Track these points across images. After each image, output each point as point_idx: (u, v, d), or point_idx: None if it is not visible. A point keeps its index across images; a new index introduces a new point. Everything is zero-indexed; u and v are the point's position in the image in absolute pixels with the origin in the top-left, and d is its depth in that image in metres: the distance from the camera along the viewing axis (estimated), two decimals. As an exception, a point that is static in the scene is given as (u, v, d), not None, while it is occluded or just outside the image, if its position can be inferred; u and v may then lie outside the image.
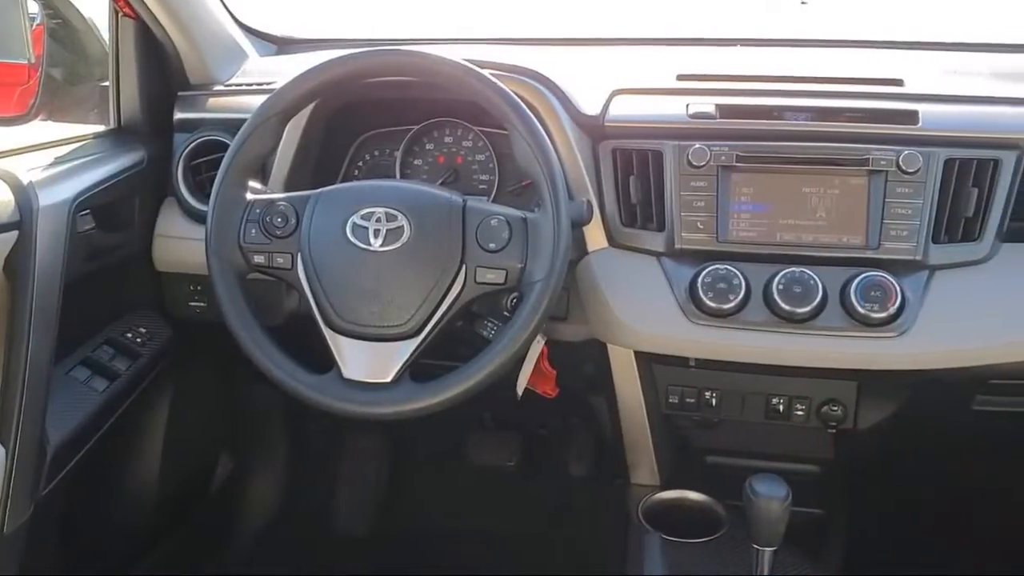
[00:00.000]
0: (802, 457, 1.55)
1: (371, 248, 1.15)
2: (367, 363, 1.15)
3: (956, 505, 1.63)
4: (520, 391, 1.37)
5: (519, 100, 1.16)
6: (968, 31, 1.71)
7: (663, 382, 1.43)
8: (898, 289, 1.18)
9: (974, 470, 1.55)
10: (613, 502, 1.53)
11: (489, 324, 1.25)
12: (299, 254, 1.18)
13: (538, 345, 1.35)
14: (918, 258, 1.21)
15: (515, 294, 1.24)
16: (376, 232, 1.15)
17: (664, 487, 1.48)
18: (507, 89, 1.17)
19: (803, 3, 2.20)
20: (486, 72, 1.18)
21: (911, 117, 1.24)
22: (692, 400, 1.43)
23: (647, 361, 1.39)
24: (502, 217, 1.15)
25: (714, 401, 1.42)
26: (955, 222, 1.22)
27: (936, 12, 2.03)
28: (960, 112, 1.26)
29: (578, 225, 1.24)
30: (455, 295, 1.15)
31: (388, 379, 1.14)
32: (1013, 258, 1.22)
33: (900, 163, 1.21)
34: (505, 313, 1.29)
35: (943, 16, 1.99)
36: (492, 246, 1.15)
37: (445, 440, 2.07)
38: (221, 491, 1.94)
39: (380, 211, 1.16)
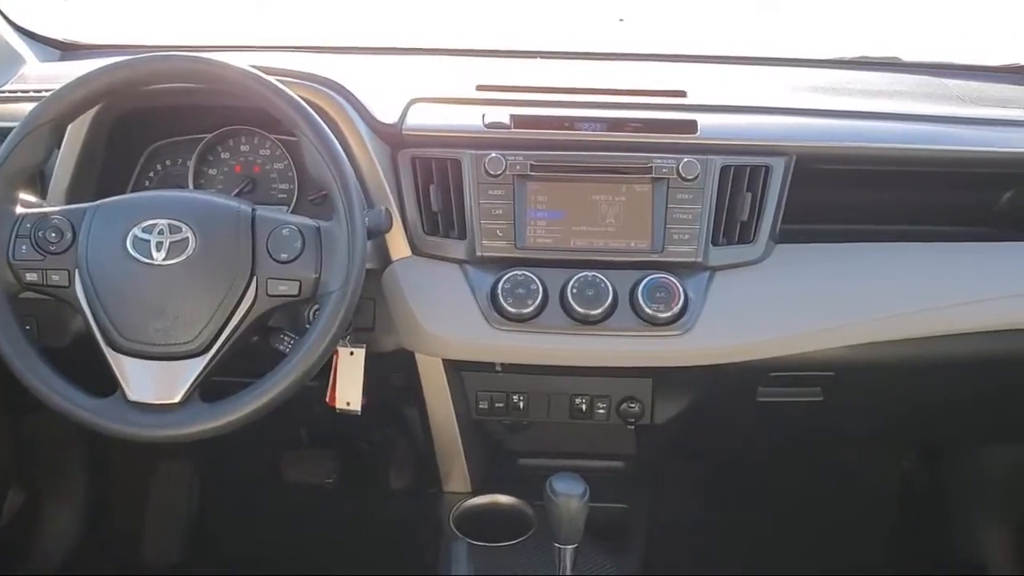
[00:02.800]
0: (608, 454, 1.60)
1: (154, 262, 1.10)
2: (153, 384, 1.10)
3: (748, 493, 1.74)
4: (356, 406, 1.34)
5: (308, 107, 1.15)
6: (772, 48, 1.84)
7: (472, 388, 1.44)
8: (681, 290, 1.25)
9: (761, 458, 1.66)
10: (429, 512, 1.53)
11: (285, 338, 1.23)
12: (76, 271, 1.11)
13: (359, 356, 1.33)
14: (699, 260, 1.28)
15: (316, 306, 1.22)
16: (159, 245, 1.10)
17: (476, 493, 1.49)
18: (295, 96, 1.15)
19: (621, 20, 2.28)
20: (273, 79, 1.15)
21: (690, 127, 1.31)
22: (501, 404, 1.45)
23: (455, 368, 1.40)
24: (294, 226, 1.13)
25: (522, 404, 1.45)
26: (732, 225, 1.30)
27: (748, 29, 2.17)
28: (735, 121, 1.34)
29: (377, 233, 1.23)
30: (246, 309, 1.11)
31: (176, 400, 1.09)
32: (785, 258, 1.31)
33: (680, 170, 1.27)
34: (307, 326, 1.26)
35: (755, 32, 2.13)
36: (284, 256, 1.12)
37: (260, 460, 2.00)
38: (10, 526, 1.79)
39: (163, 223, 1.11)
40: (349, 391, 1.31)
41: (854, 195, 1.42)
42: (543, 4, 2.35)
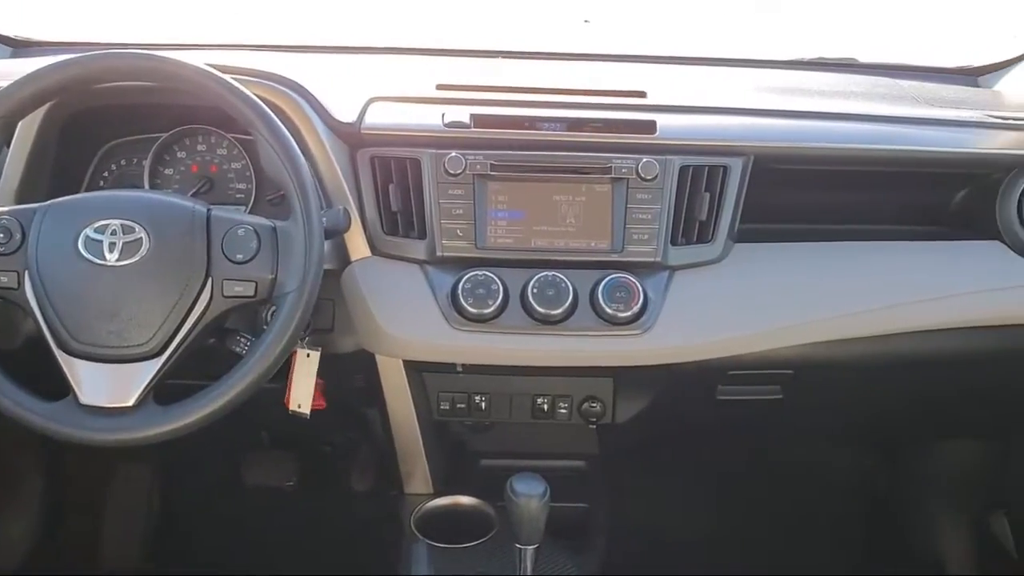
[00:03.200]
0: (570, 454, 1.61)
1: (106, 263, 1.08)
2: (106, 387, 1.08)
3: (709, 492, 1.75)
4: (306, 408, 1.32)
5: (265, 106, 1.13)
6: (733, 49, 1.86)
7: (433, 389, 1.44)
8: (641, 289, 1.25)
9: (722, 456, 1.67)
10: (391, 514, 1.52)
11: (242, 339, 1.21)
12: (26, 272, 1.09)
13: (314, 358, 1.32)
14: (658, 260, 1.28)
15: (273, 307, 1.21)
16: (111, 246, 1.08)
17: (438, 494, 1.48)
18: (250, 94, 1.13)
19: (586, 21, 2.29)
20: (229, 77, 1.14)
21: (649, 127, 1.32)
22: (463, 405, 1.45)
23: (416, 369, 1.40)
24: (249, 226, 1.12)
25: (484, 405, 1.45)
26: (691, 225, 1.30)
27: (713, 30, 2.18)
28: (693, 122, 1.35)
29: (335, 233, 1.22)
30: (201, 310, 1.10)
31: (130, 403, 1.08)
32: (744, 258, 1.32)
33: (639, 170, 1.28)
34: (264, 327, 1.24)
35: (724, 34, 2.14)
36: (240, 257, 1.11)
37: (220, 463, 1.98)
38: None
39: (116, 223, 1.09)
40: (301, 394, 1.30)
41: (812, 195, 1.43)
42: (510, 4, 2.35)
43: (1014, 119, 1.43)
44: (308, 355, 1.30)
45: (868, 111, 1.44)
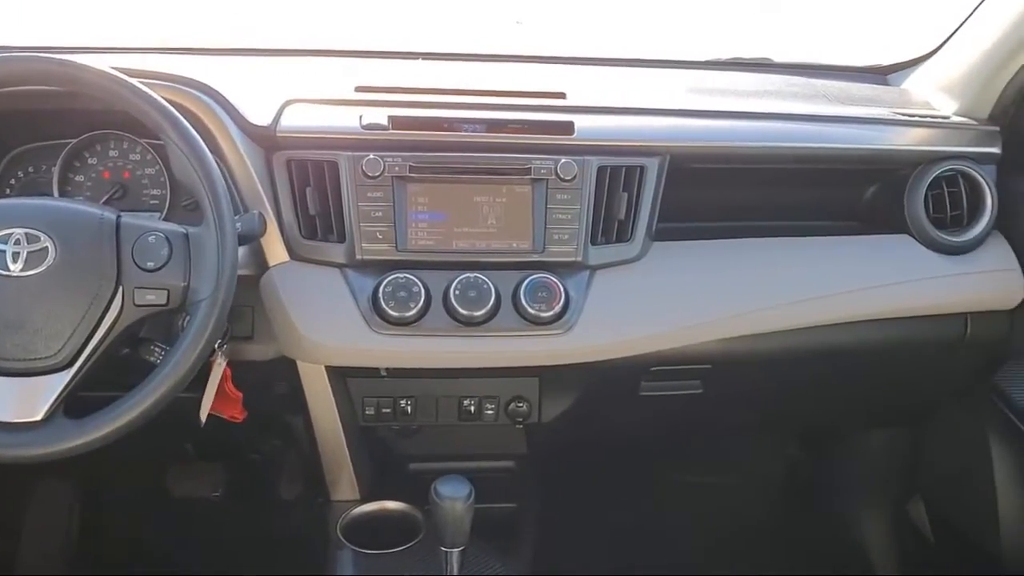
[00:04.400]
0: (499, 454, 1.61)
1: (10, 273, 1.05)
2: (13, 401, 1.04)
3: (637, 488, 1.77)
4: (203, 417, 1.30)
5: (174, 110, 1.11)
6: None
7: (358, 394, 1.42)
8: (562, 289, 1.26)
9: (648, 451, 1.69)
10: (317, 522, 1.50)
11: (156, 349, 1.18)
12: None
13: (220, 367, 1.29)
14: (579, 259, 1.29)
15: (188, 315, 1.18)
16: (15, 256, 1.05)
17: (365, 500, 1.47)
18: (158, 97, 1.11)
19: (518, 23, 2.29)
20: (135, 81, 1.11)
21: (567, 128, 1.33)
22: (388, 410, 1.43)
23: (339, 375, 1.38)
24: (160, 233, 1.09)
25: (409, 408, 1.44)
26: (610, 224, 1.32)
27: (642, 32, 2.21)
28: (610, 122, 1.36)
29: (251, 239, 1.20)
30: (112, 320, 1.07)
31: (38, 417, 1.04)
32: (662, 256, 1.34)
33: (558, 171, 1.28)
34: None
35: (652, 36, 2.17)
36: (151, 264, 1.08)
37: (144, 476, 1.93)
38: None
39: (19, 232, 1.06)
40: (205, 402, 1.28)
41: (729, 193, 1.46)
42: (445, 6, 2.35)
43: (919, 116, 1.48)
44: (218, 363, 1.27)
45: (781, 110, 1.47)
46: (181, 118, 1.11)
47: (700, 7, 2.35)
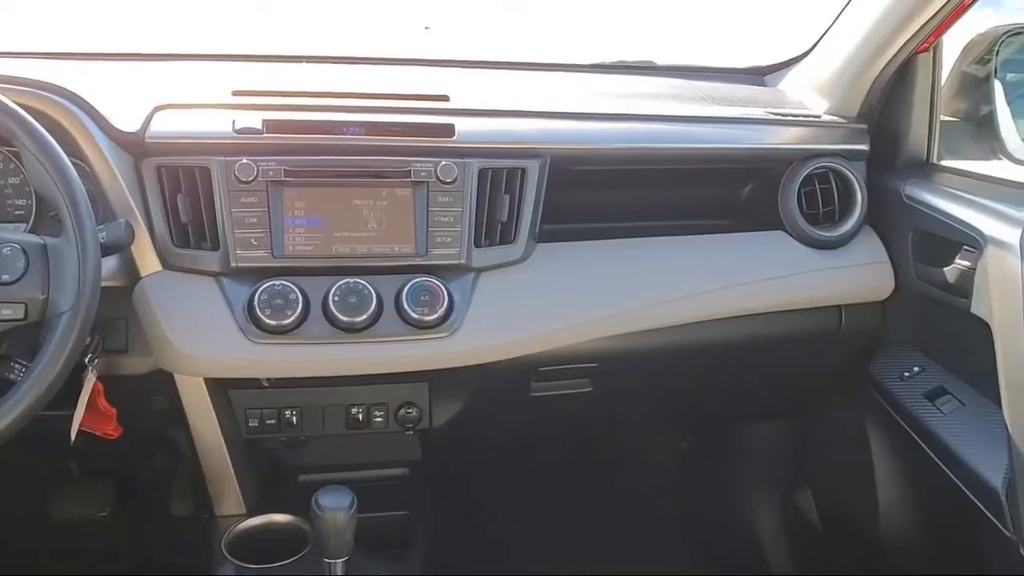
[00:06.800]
0: (393, 461, 1.59)
1: None
2: None
3: (533, 489, 1.77)
4: (73, 434, 1.25)
5: (27, 115, 1.06)
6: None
7: (240, 406, 1.39)
8: (445, 292, 1.25)
9: (543, 452, 1.70)
10: (201, 539, 1.45)
11: (16, 366, 1.12)
12: None
13: (91, 382, 1.24)
14: (463, 262, 1.29)
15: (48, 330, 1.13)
16: None
17: (251, 514, 1.43)
18: (10, 103, 1.06)
19: (427, 28, 2.27)
20: (-16, 85, 1.06)
21: (448, 130, 1.32)
22: (273, 421, 1.40)
23: (219, 386, 1.34)
24: (16, 244, 1.04)
25: (295, 419, 1.41)
26: (493, 227, 1.32)
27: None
28: (491, 125, 1.36)
29: (117, 248, 1.16)
30: None
31: None
32: (546, 257, 1.35)
33: (438, 174, 1.28)
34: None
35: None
36: (6, 278, 1.03)
37: (24, 499, 1.84)
38: None
39: None
40: (77, 419, 1.23)
41: (612, 194, 1.48)
42: (350, 10, 2.32)
43: (792, 116, 1.52)
44: (89, 378, 1.22)
45: (660, 111, 1.50)
46: (35, 124, 1.06)
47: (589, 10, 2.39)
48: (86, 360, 1.23)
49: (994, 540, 1.25)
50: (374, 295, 1.23)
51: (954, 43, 1.51)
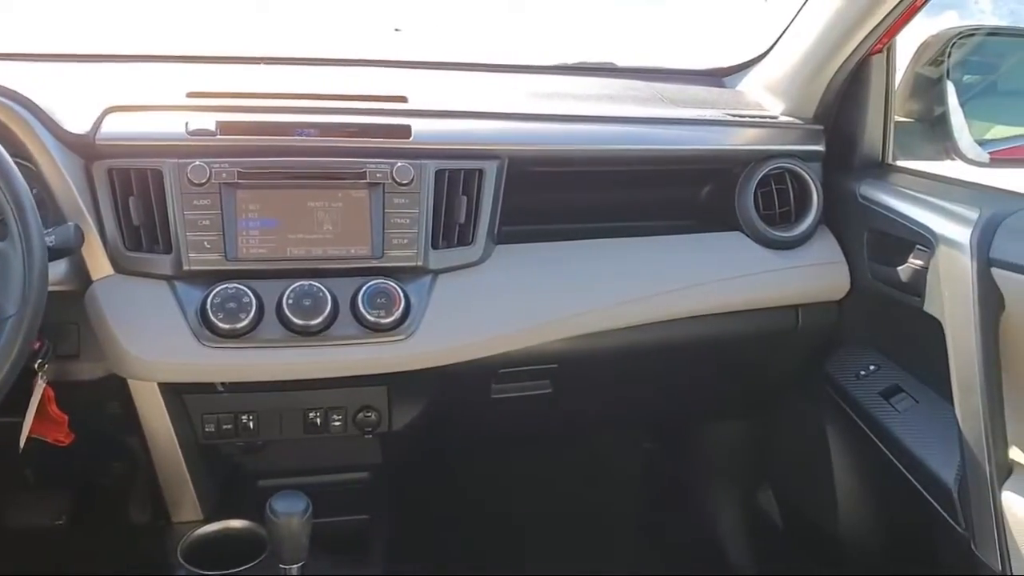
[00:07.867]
0: (353, 465, 1.58)
1: None
2: None
3: (495, 492, 1.77)
4: (23, 441, 1.23)
5: None
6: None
7: (196, 411, 1.37)
8: (402, 294, 1.24)
9: (505, 454, 1.69)
10: (158, 546, 1.43)
11: (-40, 372, 1.10)
12: None
13: (40, 387, 1.22)
14: (420, 264, 1.28)
15: None
16: None
17: (208, 520, 1.41)
18: None
19: (397, 30, 2.26)
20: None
21: (404, 131, 1.31)
22: (229, 426, 1.39)
23: (174, 391, 1.33)
24: None
25: (252, 424, 1.39)
26: (451, 228, 1.31)
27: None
28: (448, 126, 1.35)
29: (66, 252, 1.14)
30: None
31: None
32: (505, 258, 1.34)
33: (394, 175, 1.27)
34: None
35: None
36: None
37: None
38: None
39: None
40: (26, 425, 1.21)
41: (571, 195, 1.48)
42: (322, 12, 2.30)
43: (749, 117, 1.53)
44: (39, 384, 1.20)
45: (619, 113, 1.50)
46: None
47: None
48: (35, 366, 1.21)
49: (948, 537, 1.26)
50: (329, 298, 1.22)
51: (908, 45, 1.54)
